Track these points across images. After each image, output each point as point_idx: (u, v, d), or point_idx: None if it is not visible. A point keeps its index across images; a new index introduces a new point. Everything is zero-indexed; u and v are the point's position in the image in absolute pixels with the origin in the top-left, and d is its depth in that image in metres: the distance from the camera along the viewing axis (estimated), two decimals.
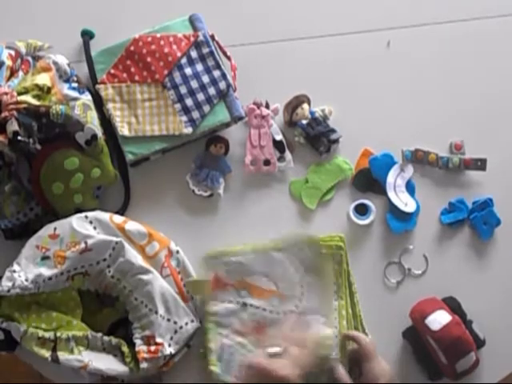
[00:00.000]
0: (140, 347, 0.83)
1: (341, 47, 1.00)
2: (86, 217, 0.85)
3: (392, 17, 1.01)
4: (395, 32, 1.01)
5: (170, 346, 0.84)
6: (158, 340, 0.83)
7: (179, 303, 0.86)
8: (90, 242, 0.82)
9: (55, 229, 0.84)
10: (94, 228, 0.85)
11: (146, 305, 0.84)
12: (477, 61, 1.01)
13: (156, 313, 0.83)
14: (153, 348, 0.82)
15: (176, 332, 0.84)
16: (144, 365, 0.82)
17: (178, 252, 0.89)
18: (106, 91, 0.92)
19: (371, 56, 1.00)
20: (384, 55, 1.00)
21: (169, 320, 0.84)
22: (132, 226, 0.87)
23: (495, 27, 1.01)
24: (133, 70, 0.93)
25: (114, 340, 0.84)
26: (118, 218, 0.87)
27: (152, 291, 0.83)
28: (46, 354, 0.79)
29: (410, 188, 0.96)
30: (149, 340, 0.83)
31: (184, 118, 0.92)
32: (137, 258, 0.84)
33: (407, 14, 1.01)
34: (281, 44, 1.00)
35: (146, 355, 0.82)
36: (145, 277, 0.84)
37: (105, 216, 0.86)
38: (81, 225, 0.84)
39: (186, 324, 0.85)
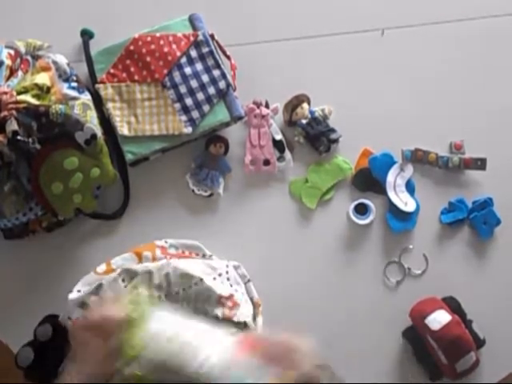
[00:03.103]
0: (223, 312, 0.83)
1: (341, 47, 1.00)
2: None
3: (392, 17, 1.01)
4: (395, 32, 1.00)
5: (236, 291, 0.86)
6: (225, 294, 0.83)
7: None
8: None
9: None
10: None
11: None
12: (477, 60, 1.01)
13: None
14: (230, 303, 0.83)
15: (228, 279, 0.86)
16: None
17: (166, 242, 0.89)
18: (106, 91, 0.92)
19: (371, 56, 1.00)
20: (384, 55, 1.00)
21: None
22: (117, 261, 0.87)
23: (495, 27, 1.01)
24: (132, 69, 0.92)
25: None
26: (100, 268, 0.87)
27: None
28: None
29: (409, 188, 0.96)
30: (221, 301, 0.83)
31: (184, 118, 0.92)
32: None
33: (407, 14, 1.01)
34: (281, 44, 1.00)
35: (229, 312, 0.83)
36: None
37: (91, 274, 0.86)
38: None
39: (227, 266, 0.87)
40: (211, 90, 0.92)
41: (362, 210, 0.95)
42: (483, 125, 0.99)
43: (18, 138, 0.80)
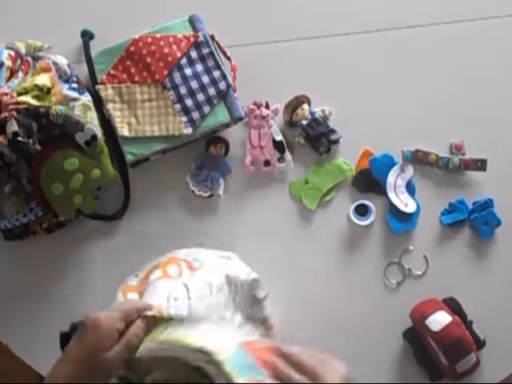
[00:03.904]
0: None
1: (341, 47, 1.00)
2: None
3: (392, 17, 1.01)
4: (395, 32, 1.00)
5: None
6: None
7: None
8: None
9: None
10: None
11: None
12: (477, 61, 1.00)
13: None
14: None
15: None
16: None
17: (187, 256, 0.85)
18: (106, 92, 0.92)
19: (371, 56, 1.00)
20: (384, 56, 1.00)
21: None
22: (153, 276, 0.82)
23: (495, 27, 1.01)
24: (133, 70, 0.92)
25: None
26: (131, 283, 0.81)
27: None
28: None
29: (410, 188, 0.96)
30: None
31: (184, 119, 0.92)
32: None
33: (407, 15, 1.01)
34: (281, 44, 1.00)
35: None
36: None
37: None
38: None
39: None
40: (211, 91, 0.92)
41: (362, 210, 0.95)
42: (483, 125, 0.99)
43: (19, 138, 0.80)
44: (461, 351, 0.86)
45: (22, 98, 0.82)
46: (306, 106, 0.95)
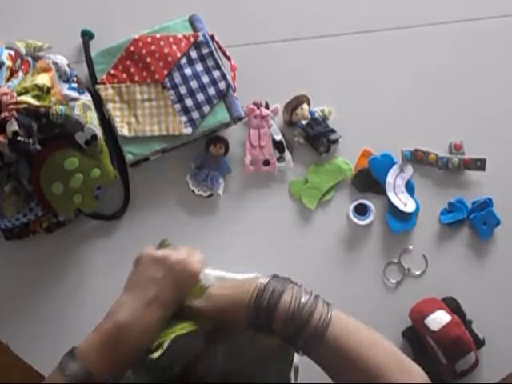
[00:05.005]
0: None
1: (341, 47, 1.00)
2: None
3: (392, 17, 1.01)
4: (395, 32, 1.01)
5: None
6: None
7: None
8: None
9: None
10: None
11: None
12: (477, 61, 1.01)
13: None
14: None
15: None
16: None
17: None
18: (106, 91, 0.92)
19: (371, 56, 1.00)
20: (384, 55, 1.00)
21: None
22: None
23: (495, 27, 1.01)
24: (132, 70, 0.93)
25: None
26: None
27: None
28: None
29: (409, 188, 0.96)
30: None
31: (184, 119, 0.92)
32: None
33: (407, 15, 1.01)
34: (281, 44, 1.00)
35: None
36: None
37: None
38: None
39: None
40: (211, 91, 0.92)
41: (361, 210, 0.95)
42: (483, 125, 0.99)
43: (19, 138, 0.80)
44: (460, 350, 0.86)
45: (22, 98, 0.82)
46: (305, 106, 0.95)
